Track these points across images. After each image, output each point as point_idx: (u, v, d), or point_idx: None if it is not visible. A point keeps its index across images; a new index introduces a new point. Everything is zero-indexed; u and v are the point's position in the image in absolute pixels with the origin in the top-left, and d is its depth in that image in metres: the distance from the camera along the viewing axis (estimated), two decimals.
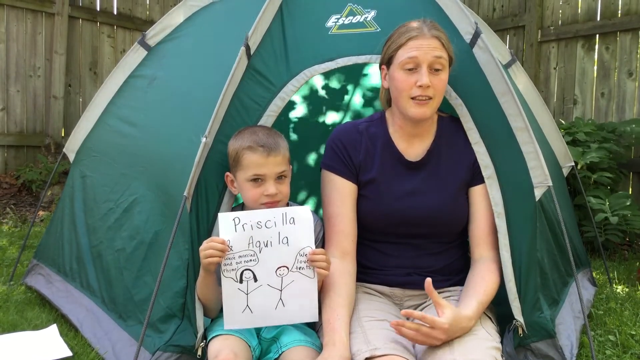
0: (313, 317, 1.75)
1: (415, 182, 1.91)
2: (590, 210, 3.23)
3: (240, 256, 1.69)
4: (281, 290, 1.72)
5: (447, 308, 1.62)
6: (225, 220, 1.69)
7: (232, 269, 1.69)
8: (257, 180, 1.80)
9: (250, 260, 1.69)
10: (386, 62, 1.87)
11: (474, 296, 1.73)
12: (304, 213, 1.71)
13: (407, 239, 1.91)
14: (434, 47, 1.78)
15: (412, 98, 1.79)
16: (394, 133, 1.94)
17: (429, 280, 1.62)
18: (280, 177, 1.82)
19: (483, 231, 1.88)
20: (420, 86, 1.76)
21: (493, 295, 1.79)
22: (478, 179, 1.90)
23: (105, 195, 2.35)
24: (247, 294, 1.70)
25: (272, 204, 1.80)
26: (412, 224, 1.89)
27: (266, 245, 1.69)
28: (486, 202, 1.88)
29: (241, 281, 1.70)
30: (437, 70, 1.79)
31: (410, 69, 1.78)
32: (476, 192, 1.91)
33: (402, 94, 1.81)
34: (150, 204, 2.11)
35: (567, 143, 3.56)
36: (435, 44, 1.78)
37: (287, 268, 1.71)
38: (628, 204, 3.45)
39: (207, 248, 1.67)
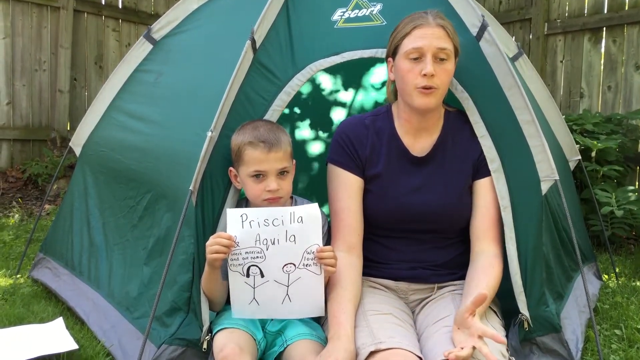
0: (319, 312, 1.76)
1: (421, 177, 1.90)
2: (597, 203, 3.21)
3: (247, 252, 1.69)
4: (288, 286, 1.72)
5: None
6: (233, 216, 1.68)
7: (239, 264, 1.69)
8: (258, 176, 1.80)
9: (257, 257, 1.69)
10: (392, 53, 1.87)
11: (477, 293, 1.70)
12: (312, 210, 1.69)
13: (411, 234, 1.91)
14: (439, 37, 1.77)
15: (417, 88, 1.78)
16: (399, 127, 1.94)
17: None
18: (282, 173, 1.82)
19: (485, 224, 1.86)
20: (424, 75, 1.76)
21: (496, 289, 1.78)
22: (483, 172, 1.89)
23: (122, 192, 2.34)
24: (254, 288, 1.71)
25: (273, 199, 1.80)
26: (417, 220, 1.89)
27: (273, 243, 1.68)
28: (490, 195, 1.87)
29: (248, 275, 1.70)
30: (442, 59, 1.78)
31: (415, 59, 1.78)
32: (481, 185, 1.89)
33: (408, 83, 1.80)
34: (160, 199, 2.11)
35: (575, 134, 3.55)
36: (440, 33, 1.77)
37: (294, 265, 1.70)
38: (634, 199, 3.43)
39: (213, 244, 1.67)
